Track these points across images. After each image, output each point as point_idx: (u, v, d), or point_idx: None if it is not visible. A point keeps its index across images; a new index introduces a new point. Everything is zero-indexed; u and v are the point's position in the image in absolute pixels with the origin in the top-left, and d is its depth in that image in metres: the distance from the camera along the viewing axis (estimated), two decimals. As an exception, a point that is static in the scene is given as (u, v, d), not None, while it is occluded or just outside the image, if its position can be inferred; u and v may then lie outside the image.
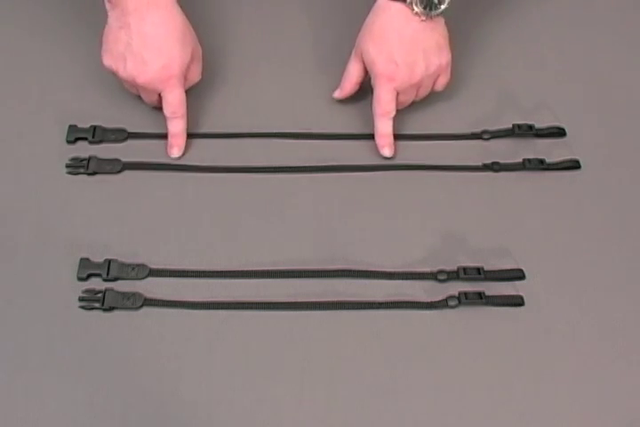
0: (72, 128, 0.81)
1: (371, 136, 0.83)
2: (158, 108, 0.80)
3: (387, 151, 0.80)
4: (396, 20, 0.77)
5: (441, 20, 0.79)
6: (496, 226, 0.77)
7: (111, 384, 0.66)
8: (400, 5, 0.76)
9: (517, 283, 0.73)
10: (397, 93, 0.79)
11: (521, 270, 0.74)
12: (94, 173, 0.79)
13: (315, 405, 0.66)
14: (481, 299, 0.71)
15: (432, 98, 0.85)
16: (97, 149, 0.80)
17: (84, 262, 0.72)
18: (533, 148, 0.83)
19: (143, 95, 0.80)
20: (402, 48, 0.77)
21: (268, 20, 0.93)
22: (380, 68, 0.78)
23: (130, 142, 0.81)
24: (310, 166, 0.81)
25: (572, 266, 0.75)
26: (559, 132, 0.84)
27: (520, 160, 0.81)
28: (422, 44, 0.77)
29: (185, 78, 0.79)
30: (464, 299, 0.71)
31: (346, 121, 0.84)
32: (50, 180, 0.78)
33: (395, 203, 0.78)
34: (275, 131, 0.83)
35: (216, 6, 0.94)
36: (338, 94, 0.84)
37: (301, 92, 0.86)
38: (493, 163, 0.81)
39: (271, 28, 0.92)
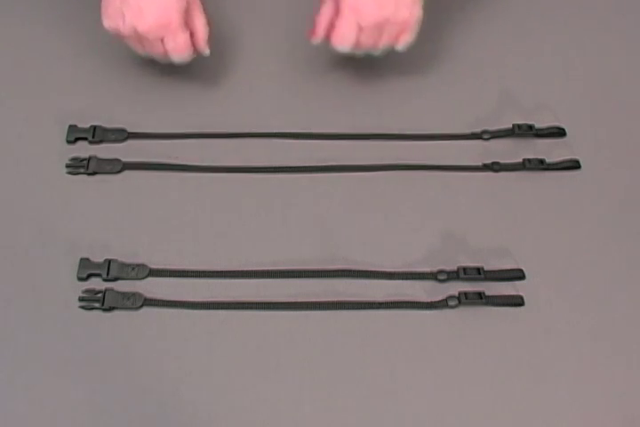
0: (72, 128, 0.81)
1: (371, 136, 0.83)
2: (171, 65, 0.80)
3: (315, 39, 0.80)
4: None
5: None
6: (496, 226, 0.77)
7: (111, 384, 0.66)
8: None
9: (517, 283, 0.73)
10: (359, 30, 0.76)
11: (521, 270, 0.74)
12: (94, 173, 0.79)
13: (315, 405, 0.66)
14: (481, 299, 0.71)
15: (432, 98, 0.85)
16: (97, 149, 0.80)
17: (84, 262, 0.72)
18: (533, 148, 0.83)
19: (150, 47, 0.78)
20: None
21: (269, 20, 0.93)
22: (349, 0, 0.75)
23: (130, 142, 0.81)
24: (310, 166, 0.81)
25: (572, 266, 0.75)
26: (559, 132, 0.84)
27: (520, 160, 0.81)
28: None
29: (189, 28, 0.77)
30: (464, 299, 0.71)
31: (346, 121, 0.84)
32: (50, 180, 0.78)
33: (395, 203, 0.78)
34: (275, 131, 0.83)
35: (216, 6, 0.94)
36: (313, 31, 0.80)
37: (301, 92, 0.86)
38: (493, 163, 0.81)
39: (271, 28, 0.92)
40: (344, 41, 0.77)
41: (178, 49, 0.77)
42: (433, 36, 0.92)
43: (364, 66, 0.89)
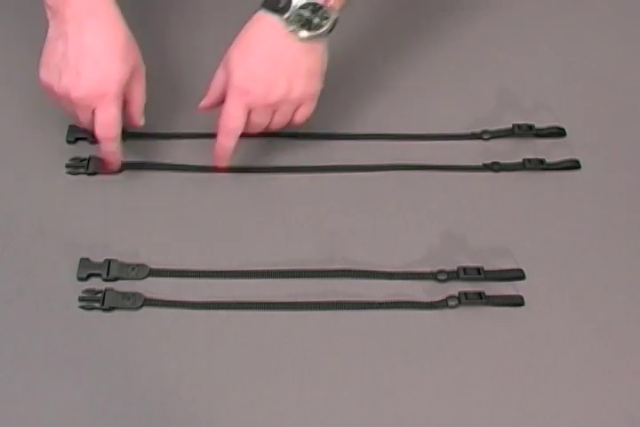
0: (72, 128, 0.81)
1: (371, 136, 0.83)
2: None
3: (219, 162, 0.76)
4: (268, 33, 0.71)
5: (321, 46, 0.72)
6: (496, 226, 0.77)
7: (111, 384, 0.66)
8: (278, 19, 0.70)
9: (517, 283, 0.73)
10: (250, 112, 0.73)
11: (521, 270, 0.74)
12: (94, 173, 0.79)
13: (315, 405, 0.66)
14: (481, 299, 0.71)
15: (432, 98, 0.86)
16: (97, 149, 0.80)
17: (84, 262, 0.72)
18: (533, 148, 0.83)
19: (79, 114, 0.74)
20: (265, 63, 0.71)
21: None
22: (237, 78, 0.71)
23: (130, 142, 0.81)
24: (310, 166, 0.81)
25: (572, 266, 0.75)
26: (559, 132, 0.84)
27: (520, 160, 0.82)
28: (290, 65, 0.71)
29: (125, 98, 0.73)
30: (464, 299, 0.71)
31: (346, 121, 0.84)
32: (50, 180, 0.78)
33: (395, 203, 0.78)
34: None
35: (216, 6, 0.94)
36: (203, 104, 0.78)
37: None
38: (493, 163, 0.81)
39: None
40: (232, 123, 0.73)
41: (106, 123, 0.72)
42: (433, 36, 0.92)
43: (364, 66, 0.89)
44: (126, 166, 0.79)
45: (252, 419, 0.65)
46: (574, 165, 0.82)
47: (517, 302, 0.72)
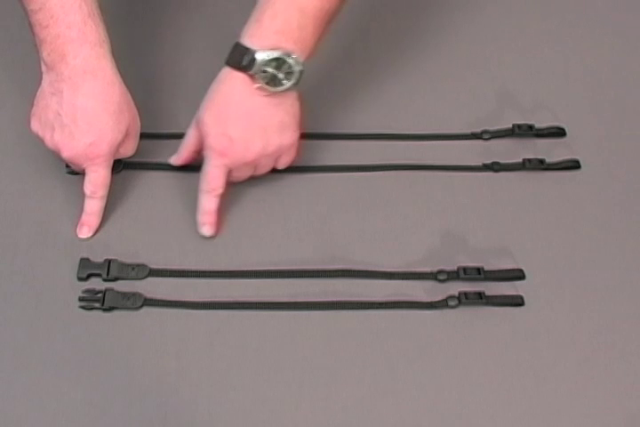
0: (72, 128, 0.81)
1: (371, 136, 0.83)
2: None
3: (206, 230, 0.74)
4: (237, 92, 0.71)
5: (290, 97, 0.72)
6: (496, 226, 0.77)
7: (111, 384, 0.66)
8: (242, 77, 0.70)
9: (517, 283, 0.73)
10: (230, 170, 0.73)
11: (521, 270, 0.74)
12: (94, 173, 0.79)
13: (315, 405, 0.66)
14: (481, 299, 0.71)
15: (432, 98, 0.86)
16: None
17: (84, 262, 0.72)
18: (533, 148, 0.83)
19: (70, 165, 0.76)
20: (239, 123, 0.71)
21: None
22: (213, 141, 0.72)
23: (130, 142, 0.81)
24: (311, 166, 0.81)
25: (572, 266, 0.75)
26: (559, 132, 0.84)
27: (520, 160, 0.81)
28: (263, 120, 0.72)
29: (115, 154, 0.74)
30: (464, 299, 0.71)
31: (346, 121, 0.84)
32: (50, 180, 0.78)
33: (395, 203, 0.78)
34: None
35: (217, 6, 0.94)
36: (174, 161, 0.78)
37: (301, 91, 0.86)
38: (493, 163, 0.81)
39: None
40: (213, 183, 0.73)
41: (95, 183, 0.73)
42: (433, 36, 0.92)
43: (365, 66, 0.89)
44: (126, 166, 0.79)
45: (252, 419, 0.65)
46: (574, 165, 0.82)
47: (517, 302, 0.72)
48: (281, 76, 0.69)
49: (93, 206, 0.74)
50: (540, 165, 0.81)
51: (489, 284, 0.73)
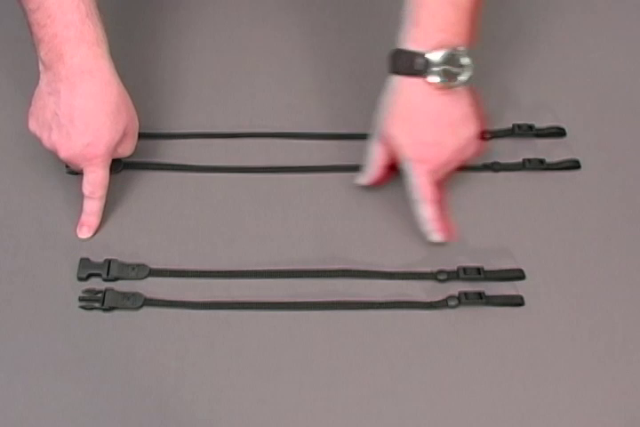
0: (72, 128, 0.81)
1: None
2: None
3: (434, 237, 0.74)
4: (417, 97, 0.72)
5: (463, 87, 0.73)
6: (496, 226, 0.77)
7: (111, 384, 0.66)
8: (418, 81, 0.71)
9: (517, 283, 0.73)
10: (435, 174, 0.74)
11: (521, 270, 0.74)
12: (94, 173, 0.79)
13: (315, 405, 0.66)
14: (481, 299, 0.71)
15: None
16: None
17: (84, 262, 0.72)
18: (533, 148, 0.83)
19: (68, 164, 0.76)
20: (428, 127, 0.72)
21: (269, 21, 0.93)
22: (409, 151, 0.73)
23: (130, 142, 0.81)
24: (310, 166, 0.81)
25: (572, 266, 0.75)
26: (559, 132, 0.84)
27: (520, 160, 0.81)
28: (449, 118, 0.73)
29: (112, 154, 0.74)
30: (464, 299, 0.71)
31: (346, 121, 0.84)
32: (50, 180, 0.78)
33: (394, 203, 0.78)
34: (275, 131, 0.83)
35: (217, 6, 0.94)
36: (363, 181, 0.77)
37: (301, 92, 0.86)
38: (493, 163, 0.81)
39: (271, 29, 0.92)
40: (428, 191, 0.74)
41: (93, 183, 0.73)
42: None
43: (364, 66, 0.89)
44: (126, 166, 0.79)
45: (252, 419, 0.65)
46: (574, 165, 0.82)
47: (517, 302, 0.72)
48: (455, 70, 0.71)
49: (92, 207, 0.74)
50: (540, 165, 0.81)
51: (489, 284, 0.73)
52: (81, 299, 0.70)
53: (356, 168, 0.80)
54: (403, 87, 0.72)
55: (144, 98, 0.84)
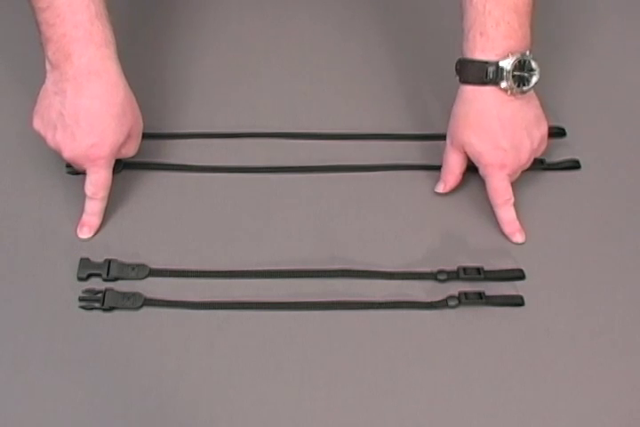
0: (72, 128, 0.81)
1: (371, 136, 0.83)
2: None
3: (518, 237, 0.75)
4: (491, 105, 0.74)
5: (531, 90, 0.75)
6: (496, 226, 0.77)
7: (111, 384, 0.66)
8: (491, 89, 0.73)
9: (517, 283, 0.73)
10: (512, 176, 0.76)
11: (521, 270, 0.74)
12: (94, 173, 0.79)
13: (315, 405, 0.66)
14: (481, 299, 0.71)
15: (432, 98, 0.85)
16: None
17: (84, 262, 0.72)
18: (533, 148, 0.83)
19: (71, 164, 0.76)
20: (505, 133, 0.74)
21: (269, 20, 0.93)
22: (489, 157, 0.74)
23: (130, 142, 0.81)
24: (310, 166, 0.81)
25: (572, 266, 0.75)
26: (559, 132, 0.84)
27: (520, 160, 0.81)
28: (523, 122, 0.75)
29: (116, 155, 0.74)
30: (464, 299, 0.71)
31: (346, 121, 0.84)
32: (50, 180, 0.78)
33: (395, 203, 0.78)
34: (275, 131, 0.83)
35: (217, 6, 0.94)
36: (442, 189, 0.78)
37: (301, 92, 0.86)
38: (493, 163, 0.81)
39: (271, 28, 0.92)
40: (506, 194, 0.76)
41: (96, 184, 0.73)
42: (433, 36, 0.92)
43: (364, 66, 0.89)
44: (126, 166, 0.79)
45: (252, 419, 0.65)
46: (574, 165, 0.82)
47: (517, 302, 0.72)
48: (526, 75, 0.73)
49: (94, 207, 0.74)
50: (540, 164, 0.81)
51: (489, 284, 0.73)
52: (81, 299, 0.70)
53: (356, 168, 0.81)
54: (475, 96, 0.74)
55: (144, 98, 0.84)
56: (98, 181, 0.73)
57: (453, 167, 0.77)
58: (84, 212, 0.74)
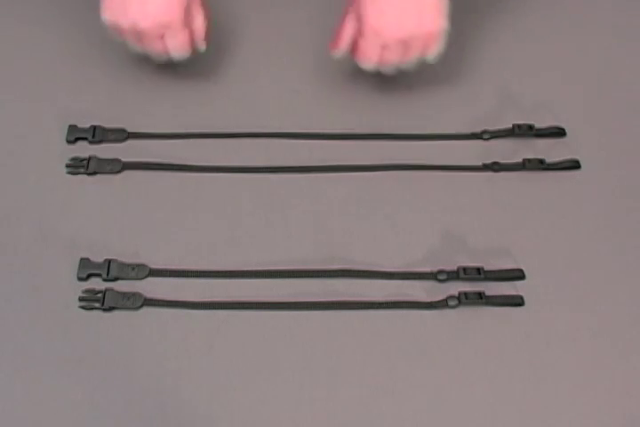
0: (72, 128, 0.81)
1: (371, 136, 0.83)
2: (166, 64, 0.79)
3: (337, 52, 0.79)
4: None
5: None
6: (496, 226, 0.77)
7: (111, 384, 0.66)
8: None
9: (517, 283, 0.73)
10: (383, 48, 0.76)
11: (521, 270, 0.74)
12: (94, 173, 0.79)
13: (315, 405, 0.66)
14: (481, 299, 0.71)
15: (431, 98, 0.85)
16: (97, 149, 0.80)
17: (84, 262, 0.72)
18: (533, 148, 0.83)
19: (148, 45, 0.77)
20: (396, 2, 0.74)
21: (269, 20, 0.93)
22: (369, 19, 0.74)
23: (130, 142, 0.81)
24: (310, 166, 0.81)
25: (572, 266, 0.75)
26: (559, 132, 0.84)
27: (520, 160, 0.81)
28: (420, 3, 0.74)
29: (188, 24, 0.76)
30: (464, 299, 0.71)
31: (346, 121, 0.84)
32: (50, 180, 0.78)
33: (395, 203, 0.78)
34: (275, 131, 0.83)
35: (217, 6, 0.94)
36: (335, 49, 0.80)
37: (301, 92, 0.86)
38: (493, 163, 0.81)
39: (271, 28, 0.92)
40: (368, 60, 0.77)
41: (178, 47, 0.76)
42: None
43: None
44: (126, 166, 0.79)
45: (252, 419, 0.65)
46: (574, 165, 0.82)
47: (517, 302, 0.72)
48: None
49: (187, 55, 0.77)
50: (540, 165, 0.81)
51: (489, 284, 0.73)
52: (81, 299, 0.70)
53: (356, 168, 0.81)
54: None
55: (144, 98, 0.84)
56: (179, 43, 0.76)
57: (346, 31, 0.78)
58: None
